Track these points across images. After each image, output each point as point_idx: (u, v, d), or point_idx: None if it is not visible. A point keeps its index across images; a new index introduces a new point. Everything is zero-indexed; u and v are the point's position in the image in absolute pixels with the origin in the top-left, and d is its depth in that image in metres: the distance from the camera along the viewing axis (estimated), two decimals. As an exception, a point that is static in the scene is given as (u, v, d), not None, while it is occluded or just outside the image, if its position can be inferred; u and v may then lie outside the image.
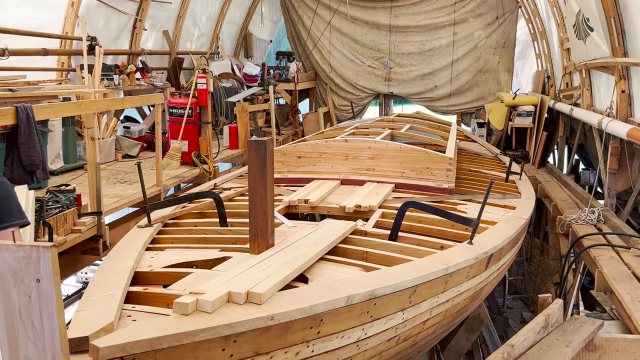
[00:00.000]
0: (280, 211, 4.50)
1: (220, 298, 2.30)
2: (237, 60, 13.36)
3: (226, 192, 5.30)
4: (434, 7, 12.68)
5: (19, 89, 6.18)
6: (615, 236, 5.52)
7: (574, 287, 5.41)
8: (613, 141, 6.52)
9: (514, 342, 3.07)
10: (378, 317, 2.82)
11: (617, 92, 6.42)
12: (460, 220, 3.87)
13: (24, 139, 4.45)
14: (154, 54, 10.22)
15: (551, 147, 10.21)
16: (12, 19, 6.87)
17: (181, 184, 7.43)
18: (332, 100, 13.68)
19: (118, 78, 8.40)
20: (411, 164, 5.72)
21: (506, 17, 12.39)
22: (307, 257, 3.01)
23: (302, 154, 6.04)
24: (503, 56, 12.62)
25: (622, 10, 5.96)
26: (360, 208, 4.57)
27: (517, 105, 10.15)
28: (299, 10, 13.48)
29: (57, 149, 6.71)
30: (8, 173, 4.51)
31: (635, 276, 4.45)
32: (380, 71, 13.28)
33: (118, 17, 9.02)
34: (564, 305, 3.88)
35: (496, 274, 4.39)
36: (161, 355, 2.01)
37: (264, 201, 3.13)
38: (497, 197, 5.51)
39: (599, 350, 3.24)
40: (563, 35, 8.68)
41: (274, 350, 2.33)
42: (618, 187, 6.69)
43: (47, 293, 1.56)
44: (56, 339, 1.58)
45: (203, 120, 7.71)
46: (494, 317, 7.84)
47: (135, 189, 6.03)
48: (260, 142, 3.10)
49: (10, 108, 4.36)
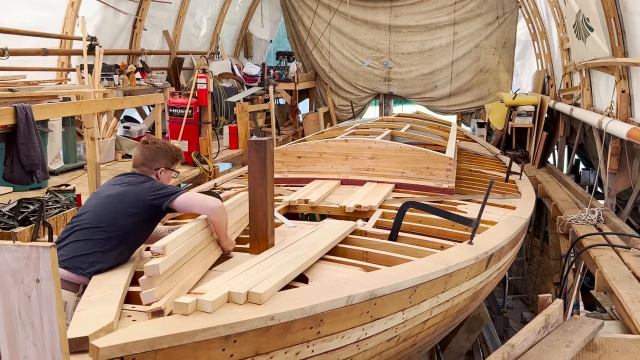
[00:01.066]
0: (280, 211, 4.50)
1: (220, 298, 2.30)
2: (237, 60, 13.35)
3: (226, 192, 5.30)
4: (434, 6, 12.68)
5: (18, 89, 6.18)
6: (615, 236, 5.52)
7: (574, 287, 5.41)
8: (613, 141, 6.51)
9: (514, 342, 3.07)
10: (378, 317, 2.82)
11: (617, 92, 6.42)
12: (460, 220, 3.87)
13: (23, 139, 4.45)
14: (154, 54, 10.22)
15: (551, 147, 10.21)
16: (12, 19, 6.87)
17: (181, 184, 7.43)
18: (332, 100, 13.68)
19: (118, 78, 8.40)
20: (411, 164, 5.72)
21: (506, 17, 12.39)
22: (307, 257, 3.01)
23: (302, 154, 6.04)
24: (503, 56, 12.62)
25: (622, 10, 5.96)
26: (360, 208, 4.57)
27: (517, 105, 10.15)
28: (298, 10, 13.48)
29: (57, 149, 6.71)
30: (8, 173, 4.51)
31: (635, 276, 4.45)
32: (380, 71, 13.28)
33: (118, 17, 9.02)
34: (564, 305, 3.88)
35: (496, 274, 4.39)
36: (161, 355, 2.00)
37: (264, 201, 3.13)
38: (497, 197, 5.51)
39: (599, 350, 3.24)
40: (563, 35, 8.68)
41: (274, 350, 2.32)
42: (618, 187, 6.69)
43: (47, 293, 1.56)
44: (56, 339, 1.58)
45: (203, 120, 7.70)
46: (494, 317, 7.84)
47: (135, 189, 6.01)
48: (260, 142, 3.10)
49: (9, 108, 4.36)
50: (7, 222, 4.11)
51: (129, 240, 3.00)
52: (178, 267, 2.63)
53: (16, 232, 4.00)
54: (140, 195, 3.01)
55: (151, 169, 3.24)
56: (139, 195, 3.01)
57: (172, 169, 3.35)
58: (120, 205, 2.98)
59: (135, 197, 3.01)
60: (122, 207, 2.98)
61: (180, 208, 3.02)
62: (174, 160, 3.34)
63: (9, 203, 4.58)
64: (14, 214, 4.19)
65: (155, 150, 3.26)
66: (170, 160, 3.30)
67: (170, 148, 3.33)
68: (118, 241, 2.92)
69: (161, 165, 3.26)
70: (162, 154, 3.27)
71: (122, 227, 2.94)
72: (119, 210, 2.97)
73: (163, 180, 3.27)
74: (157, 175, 3.25)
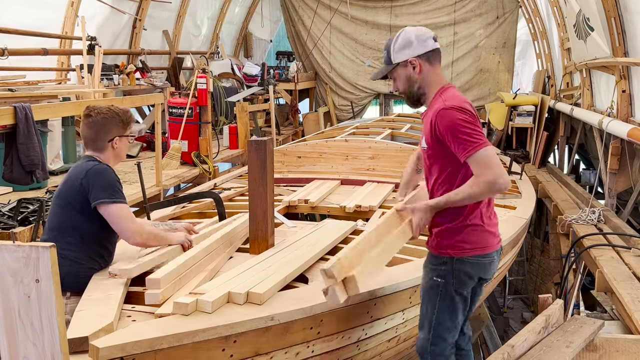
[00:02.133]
0: (280, 211, 4.50)
1: (220, 298, 2.30)
2: (237, 60, 13.35)
3: (226, 192, 5.30)
4: (434, 6, 12.67)
5: (18, 89, 6.17)
6: (615, 236, 5.51)
7: (574, 287, 5.40)
8: (613, 141, 6.51)
9: (514, 342, 3.07)
10: (378, 317, 2.82)
11: (617, 92, 6.42)
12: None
13: (22, 139, 4.44)
14: (154, 53, 10.22)
15: (551, 147, 10.20)
16: (12, 19, 6.87)
17: (181, 184, 7.42)
18: (332, 100, 13.67)
19: (118, 78, 8.39)
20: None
21: (506, 16, 12.38)
22: (307, 257, 3.01)
23: (302, 154, 6.05)
24: (503, 56, 12.61)
25: (623, 10, 5.96)
26: (361, 208, 4.57)
27: (518, 105, 10.14)
28: (299, 10, 13.48)
29: (56, 148, 6.70)
30: (7, 173, 4.50)
31: (635, 276, 4.44)
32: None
33: (118, 17, 9.01)
34: (564, 306, 3.87)
35: (496, 274, 4.38)
36: (161, 355, 2.00)
37: (264, 201, 3.13)
38: (497, 197, 5.51)
39: (599, 351, 3.23)
40: (563, 35, 8.67)
41: (274, 350, 2.32)
42: (618, 187, 6.68)
43: (47, 293, 1.55)
44: (55, 339, 1.57)
45: (203, 120, 7.70)
46: (494, 317, 7.83)
47: (135, 189, 6.02)
48: (260, 142, 3.10)
49: (8, 108, 4.35)
50: (7, 222, 4.11)
51: (89, 238, 2.83)
52: (183, 271, 2.64)
53: (16, 232, 4.00)
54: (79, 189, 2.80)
55: (104, 143, 2.94)
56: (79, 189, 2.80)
57: (126, 135, 3.03)
58: (65, 205, 2.83)
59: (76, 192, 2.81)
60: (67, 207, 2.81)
61: (105, 216, 2.79)
62: (125, 125, 3.00)
63: (8, 203, 4.58)
64: (14, 214, 4.19)
65: (100, 121, 2.92)
66: (121, 126, 2.98)
67: (117, 112, 2.97)
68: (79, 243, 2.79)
69: (114, 135, 2.95)
70: (111, 122, 2.93)
71: (75, 228, 2.80)
72: (65, 211, 2.81)
73: (121, 150, 3.01)
74: (112, 147, 2.97)
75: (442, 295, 2.60)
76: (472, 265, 2.58)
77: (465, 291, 2.62)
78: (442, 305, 2.61)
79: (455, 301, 2.61)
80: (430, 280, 2.66)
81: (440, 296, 2.60)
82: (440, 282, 2.60)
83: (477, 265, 2.59)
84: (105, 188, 2.79)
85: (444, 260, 2.60)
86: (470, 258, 2.57)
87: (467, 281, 2.59)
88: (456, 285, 2.58)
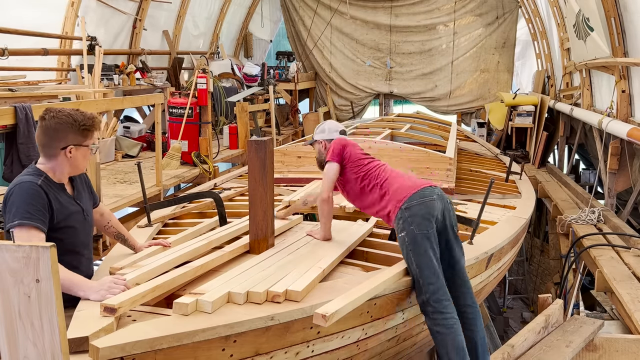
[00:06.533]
0: (280, 211, 4.49)
1: (220, 298, 2.30)
2: (237, 60, 13.35)
3: (226, 192, 5.30)
4: (434, 6, 12.68)
5: (18, 89, 6.17)
6: (615, 236, 5.52)
7: (574, 287, 5.41)
8: (613, 141, 6.51)
9: (514, 342, 3.07)
10: (378, 317, 2.82)
11: (617, 92, 6.42)
12: (460, 220, 3.85)
13: (23, 139, 4.44)
14: (154, 53, 10.22)
15: (551, 147, 10.21)
16: (12, 19, 6.87)
17: (181, 184, 7.42)
18: (332, 100, 13.68)
19: (118, 78, 8.39)
20: (411, 164, 5.72)
21: (506, 17, 12.39)
22: (331, 260, 3.05)
23: (302, 154, 6.04)
24: (503, 56, 12.62)
25: (622, 10, 5.96)
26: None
27: (517, 105, 10.14)
28: (299, 10, 13.48)
29: (56, 148, 6.70)
30: (7, 173, 4.50)
31: (635, 276, 4.44)
32: (380, 71, 13.29)
33: (118, 17, 9.01)
34: (564, 306, 3.88)
35: (496, 274, 4.39)
36: (161, 355, 2.00)
37: (264, 201, 3.13)
38: (497, 197, 5.51)
39: (599, 351, 3.24)
40: (563, 35, 8.67)
41: (274, 350, 2.32)
42: (618, 187, 6.69)
43: (47, 293, 1.55)
44: (56, 339, 1.57)
45: (203, 120, 7.70)
46: (494, 317, 7.84)
47: (135, 189, 6.02)
48: (260, 142, 3.10)
49: (9, 108, 4.35)
50: (7, 222, 4.10)
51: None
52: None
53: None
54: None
55: (56, 150, 2.52)
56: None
57: (85, 144, 2.57)
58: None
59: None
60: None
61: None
62: (84, 133, 2.55)
63: (8, 203, 4.57)
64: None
65: (54, 125, 2.49)
66: (78, 134, 2.53)
67: (76, 118, 2.52)
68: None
69: (68, 143, 2.52)
70: (65, 128, 2.49)
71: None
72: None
73: (77, 160, 2.57)
74: (66, 156, 2.53)
75: (410, 244, 3.00)
76: (412, 208, 3.08)
77: (425, 230, 3.02)
78: (415, 253, 2.98)
79: (419, 240, 3.00)
80: (402, 244, 3.07)
81: (410, 247, 3.00)
82: (404, 235, 3.05)
83: (416, 206, 3.09)
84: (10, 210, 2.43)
85: (397, 219, 3.12)
86: (405, 203, 3.11)
87: (421, 221, 3.04)
88: (416, 228, 3.02)
